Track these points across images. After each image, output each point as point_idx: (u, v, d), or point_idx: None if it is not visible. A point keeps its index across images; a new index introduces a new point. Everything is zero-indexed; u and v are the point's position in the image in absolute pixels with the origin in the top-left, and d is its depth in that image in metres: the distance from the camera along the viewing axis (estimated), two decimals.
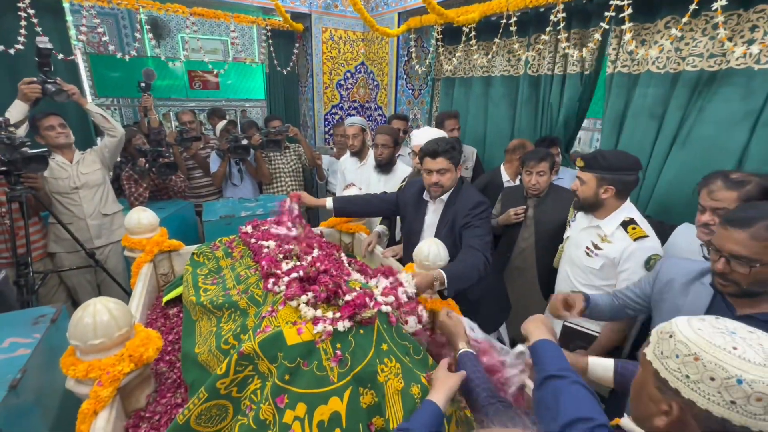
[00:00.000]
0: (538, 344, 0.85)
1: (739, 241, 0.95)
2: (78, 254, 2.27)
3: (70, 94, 2.13)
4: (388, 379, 0.82)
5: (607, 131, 2.26)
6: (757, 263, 0.93)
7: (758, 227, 0.93)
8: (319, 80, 3.65)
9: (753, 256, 0.93)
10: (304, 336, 0.83)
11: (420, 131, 2.09)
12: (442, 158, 1.65)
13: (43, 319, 1.39)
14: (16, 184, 1.88)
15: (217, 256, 1.61)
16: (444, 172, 1.67)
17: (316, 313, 0.87)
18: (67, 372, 1.03)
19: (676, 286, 1.17)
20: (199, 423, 0.84)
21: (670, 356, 0.60)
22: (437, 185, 1.70)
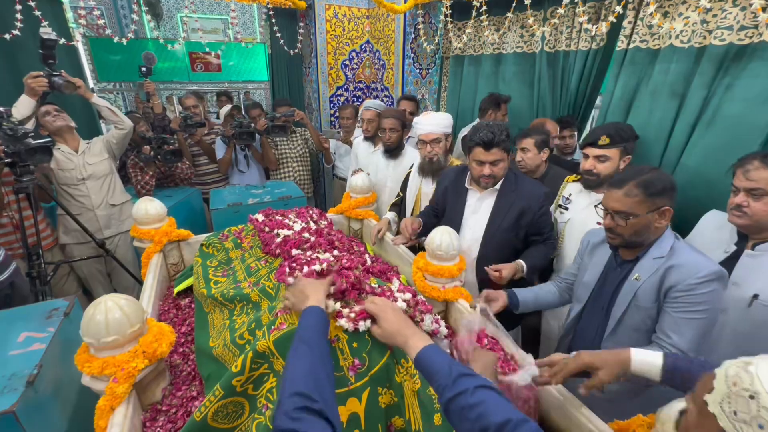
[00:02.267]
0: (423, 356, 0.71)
1: (616, 199, 1.14)
2: (88, 244, 2.27)
3: (77, 87, 2.08)
4: (405, 381, 0.80)
5: (615, 110, 2.16)
6: (630, 216, 1.11)
7: (630, 186, 1.12)
8: (324, 60, 3.54)
9: (627, 210, 1.12)
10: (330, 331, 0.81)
11: (425, 118, 2.00)
12: (497, 149, 1.54)
13: (57, 313, 1.40)
14: (22, 175, 1.86)
15: (226, 247, 1.59)
16: (498, 162, 1.57)
17: (336, 307, 0.85)
18: (82, 369, 1.03)
19: (589, 247, 1.37)
20: (216, 420, 0.83)
21: (750, 424, 0.48)
22: (490, 177, 1.59)
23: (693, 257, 1.11)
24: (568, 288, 1.47)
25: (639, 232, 1.14)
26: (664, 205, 1.11)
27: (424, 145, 1.97)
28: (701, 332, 1.07)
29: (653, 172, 1.14)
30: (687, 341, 1.06)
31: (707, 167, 1.78)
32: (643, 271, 1.16)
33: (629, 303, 1.19)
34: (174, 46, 4.36)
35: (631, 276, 1.18)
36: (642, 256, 1.18)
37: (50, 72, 1.99)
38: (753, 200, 1.20)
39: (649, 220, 1.12)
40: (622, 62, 2.12)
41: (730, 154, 1.72)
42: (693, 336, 1.06)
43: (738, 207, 1.24)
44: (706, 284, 1.05)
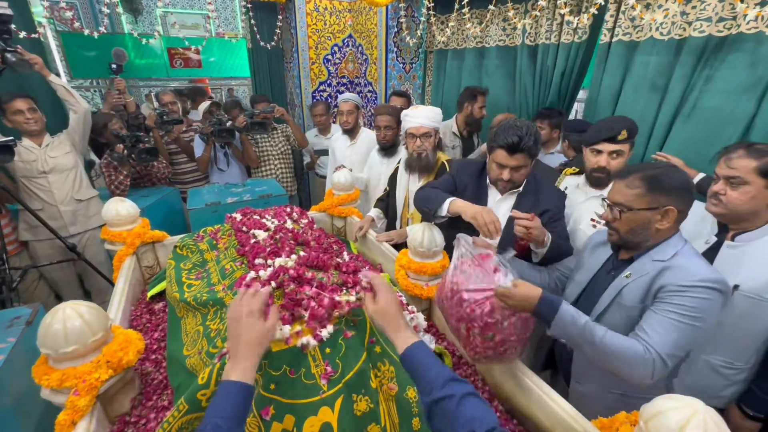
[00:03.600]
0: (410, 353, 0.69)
1: (617, 190, 1.10)
2: (54, 243, 2.17)
3: (32, 64, 1.96)
4: (382, 385, 0.76)
5: (602, 104, 2.16)
6: (626, 208, 1.07)
7: (632, 178, 1.07)
8: (305, 55, 3.46)
9: (625, 202, 1.07)
10: (291, 342, 0.76)
11: (415, 110, 1.94)
12: (522, 155, 1.38)
13: (18, 321, 1.32)
14: None
15: (201, 248, 1.53)
16: (520, 168, 1.43)
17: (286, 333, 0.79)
18: (39, 382, 0.97)
19: (591, 246, 1.33)
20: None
21: None
22: (508, 182, 1.46)
23: (694, 262, 1.02)
24: (559, 279, 1.42)
25: (634, 230, 1.08)
26: (667, 205, 1.03)
27: (413, 139, 1.89)
28: (685, 340, 0.97)
29: (666, 169, 1.06)
30: (666, 343, 0.96)
31: (688, 160, 1.79)
32: (636, 270, 1.10)
33: (612, 299, 1.14)
34: (150, 41, 4.22)
35: (623, 274, 1.13)
36: (639, 256, 1.11)
37: (4, 47, 1.87)
38: (730, 188, 1.18)
39: (647, 218, 1.05)
40: (606, 56, 2.11)
41: (710, 147, 1.72)
42: (674, 340, 0.96)
43: (715, 195, 1.22)
44: (701, 290, 0.96)
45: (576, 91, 2.61)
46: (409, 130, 1.90)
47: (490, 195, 1.60)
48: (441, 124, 1.96)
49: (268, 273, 0.95)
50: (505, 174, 1.43)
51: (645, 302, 1.07)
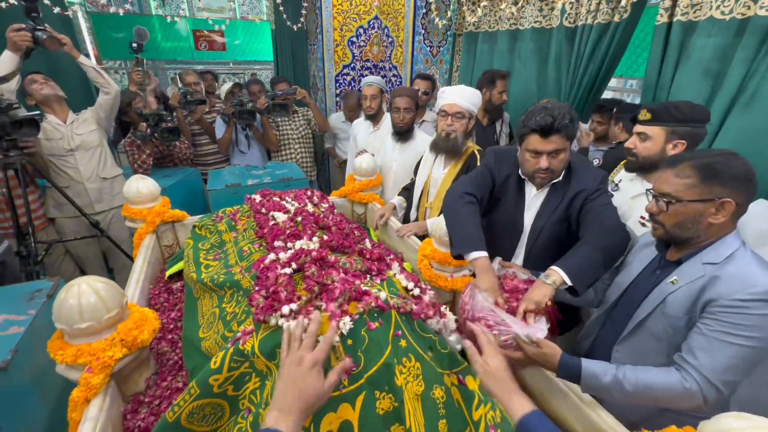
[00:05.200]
0: (528, 424, 0.65)
1: (665, 180, 0.99)
2: (80, 221, 2.20)
3: (62, 44, 1.96)
4: (408, 382, 0.70)
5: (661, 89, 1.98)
6: (674, 200, 0.96)
7: (683, 166, 0.96)
8: (330, 37, 3.37)
9: (673, 193, 0.96)
10: None
11: (453, 88, 1.82)
12: (557, 136, 1.23)
13: (39, 294, 1.32)
14: (9, 150, 1.77)
15: (219, 229, 1.50)
16: (558, 153, 1.27)
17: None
18: (54, 357, 0.95)
19: (637, 246, 1.23)
20: (192, 422, 0.74)
21: None
22: (548, 171, 1.30)
23: (752, 269, 0.89)
24: (606, 289, 1.28)
25: (683, 224, 0.96)
26: (723, 197, 0.90)
27: (445, 117, 1.77)
28: (740, 364, 0.86)
29: (725, 156, 0.93)
30: (718, 369, 0.86)
31: (744, 152, 1.62)
32: (683, 275, 0.98)
33: (655, 307, 1.02)
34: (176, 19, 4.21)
35: (668, 278, 1.02)
36: (689, 257, 0.99)
37: (34, 26, 1.86)
38: None
39: (699, 212, 0.93)
40: (664, 38, 1.92)
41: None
42: (727, 365, 0.86)
43: None
44: (761, 304, 0.84)
45: (608, 78, 2.44)
46: (442, 107, 1.78)
47: (527, 191, 1.45)
48: (476, 111, 1.83)
49: (288, 255, 0.89)
50: (542, 162, 1.28)
51: (692, 314, 0.96)
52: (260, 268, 0.90)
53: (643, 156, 1.38)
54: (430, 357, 0.78)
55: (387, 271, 0.89)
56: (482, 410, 0.79)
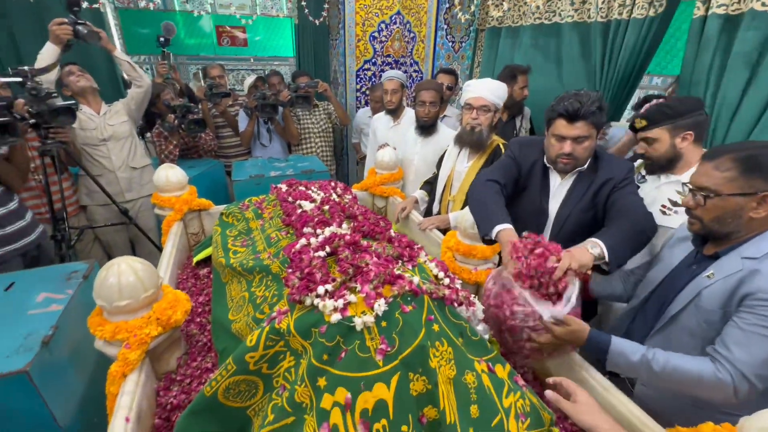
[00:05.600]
0: None
1: (704, 173, 0.96)
2: (110, 208, 2.27)
3: (99, 38, 2.04)
4: (441, 366, 0.70)
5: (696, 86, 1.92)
6: (713, 193, 0.93)
7: (723, 159, 0.93)
8: (352, 32, 3.38)
9: (712, 186, 0.94)
10: (347, 313, 0.71)
11: (479, 81, 1.81)
12: (583, 122, 1.24)
13: (76, 275, 1.37)
14: (46, 138, 1.84)
15: (246, 217, 1.52)
16: (583, 140, 1.27)
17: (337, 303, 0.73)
18: (94, 332, 0.99)
19: (672, 241, 1.20)
20: (227, 397, 0.76)
21: None
22: (570, 157, 1.31)
23: None
24: (636, 284, 1.27)
25: (722, 219, 0.94)
26: (766, 190, 0.88)
27: (470, 111, 1.77)
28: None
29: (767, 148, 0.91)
30: (753, 362, 0.84)
31: None
32: (720, 270, 0.96)
33: (690, 301, 1.01)
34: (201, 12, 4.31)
35: (704, 273, 0.99)
36: (726, 252, 0.97)
37: (75, 20, 1.94)
38: None
39: (740, 206, 0.91)
40: (700, 32, 1.86)
41: None
42: (764, 359, 0.85)
43: None
44: None
45: (641, 75, 2.37)
46: (467, 100, 1.78)
47: (551, 179, 1.45)
48: (501, 104, 1.82)
49: (320, 239, 0.90)
50: (566, 147, 1.29)
51: (727, 308, 0.94)
52: (292, 252, 0.91)
53: (656, 156, 1.39)
54: (461, 343, 0.78)
55: (417, 258, 0.89)
56: (512, 398, 0.79)
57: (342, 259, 0.81)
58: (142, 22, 5.25)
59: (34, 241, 1.86)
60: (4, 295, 1.26)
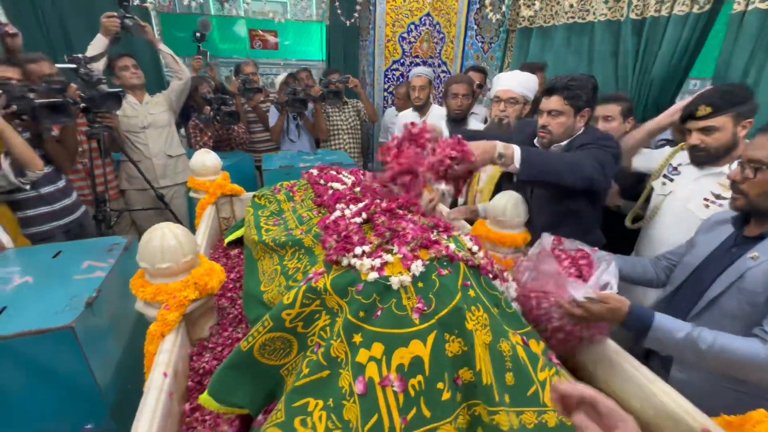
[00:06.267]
0: None
1: (758, 145, 0.94)
2: (147, 194, 2.38)
3: (145, 32, 2.16)
4: (476, 330, 0.70)
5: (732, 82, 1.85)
6: (765, 165, 0.90)
7: None
8: (382, 33, 3.44)
9: (765, 158, 0.91)
10: (384, 272, 0.72)
11: (507, 74, 1.82)
12: (557, 97, 1.36)
13: (117, 247, 1.44)
14: (94, 122, 1.95)
15: (278, 199, 1.56)
16: (556, 115, 1.38)
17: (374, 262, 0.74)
18: (136, 293, 1.03)
19: (708, 225, 1.17)
20: (263, 354, 0.78)
21: None
22: (544, 129, 1.42)
23: None
24: (667, 269, 1.24)
25: None
26: None
27: (498, 103, 1.79)
28: None
29: None
30: None
31: None
32: (766, 250, 0.93)
33: (731, 284, 0.98)
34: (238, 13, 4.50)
35: (748, 254, 0.96)
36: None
37: (124, 14, 2.07)
38: None
39: None
40: (737, 28, 1.80)
41: None
42: None
43: None
44: None
45: (684, 77, 2.30)
46: (496, 93, 1.79)
47: None
48: (531, 96, 1.81)
49: (358, 207, 0.92)
50: (542, 119, 1.40)
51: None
52: (327, 223, 0.93)
53: (714, 147, 1.32)
54: (496, 313, 0.77)
55: (452, 231, 0.89)
56: (547, 373, 0.77)
57: (378, 225, 0.82)
58: (179, 26, 5.51)
59: (78, 220, 1.96)
60: (52, 262, 1.33)
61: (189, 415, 0.94)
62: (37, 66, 1.96)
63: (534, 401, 0.71)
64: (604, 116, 1.76)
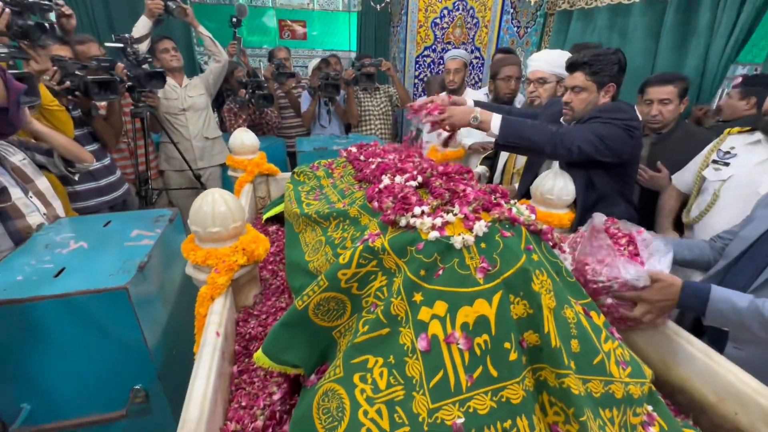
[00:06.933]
0: None
1: None
2: (184, 174, 2.45)
3: (186, 14, 2.21)
4: (542, 293, 0.67)
5: None
6: None
7: None
8: (414, 18, 3.39)
9: None
10: (444, 233, 0.70)
11: (537, 54, 1.77)
12: (579, 73, 1.35)
13: (162, 219, 1.47)
14: (138, 101, 2.01)
15: (317, 175, 1.56)
16: (579, 91, 1.36)
17: (435, 221, 0.72)
18: (187, 256, 1.05)
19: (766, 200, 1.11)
20: (317, 314, 0.78)
21: None
22: (567, 106, 1.41)
23: None
24: (722, 249, 1.18)
25: None
26: None
27: (528, 85, 1.77)
28: None
29: None
30: None
31: None
32: None
33: None
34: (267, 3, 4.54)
35: None
36: None
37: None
38: None
39: None
40: None
41: None
42: None
43: None
44: None
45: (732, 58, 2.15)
46: (528, 75, 1.77)
47: None
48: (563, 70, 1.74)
49: (411, 173, 0.90)
50: (565, 96, 1.40)
51: None
52: (377, 190, 0.92)
53: None
54: (558, 281, 0.74)
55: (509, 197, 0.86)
56: (611, 345, 0.74)
57: (436, 187, 0.80)
58: (211, 16, 5.63)
59: (121, 196, 2.03)
60: (103, 230, 1.38)
61: (237, 377, 0.95)
62: (86, 47, 2.03)
63: (600, 370, 0.68)
64: (659, 99, 1.66)
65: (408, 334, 0.65)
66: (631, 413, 0.69)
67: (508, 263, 0.66)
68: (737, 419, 0.80)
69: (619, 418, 0.67)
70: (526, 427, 0.57)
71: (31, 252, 1.20)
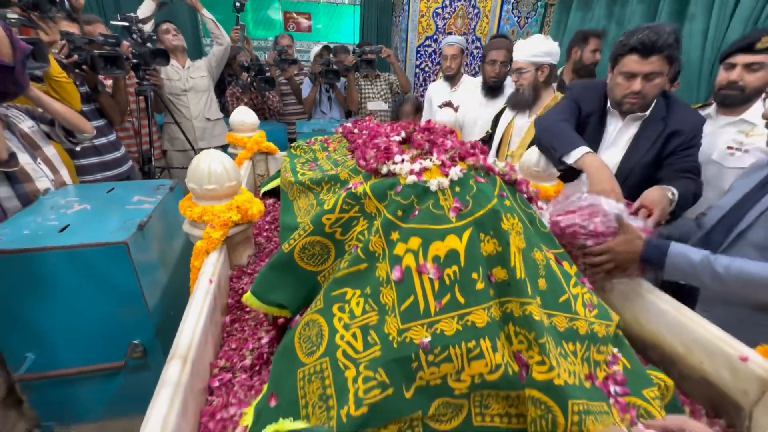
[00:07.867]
0: None
1: None
2: (186, 155, 2.51)
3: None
4: (511, 233, 0.71)
5: None
6: None
7: None
8: (416, 7, 3.43)
9: None
10: (421, 178, 0.74)
11: (518, 43, 1.76)
12: (658, 57, 1.14)
13: (163, 188, 1.53)
14: (143, 79, 2.06)
15: (314, 149, 1.61)
16: (654, 77, 1.18)
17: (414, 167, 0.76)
18: (184, 213, 1.10)
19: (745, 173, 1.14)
20: (302, 258, 0.82)
21: None
22: (638, 96, 1.21)
23: None
24: None
25: None
26: None
27: (513, 74, 1.80)
28: None
29: None
30: None
31: None
32: None
33: (758, 216, 0.97)
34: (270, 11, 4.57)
35: None
36: None
37: None
38: None
39: None
40: None
41: None
42: None
43: None
44: None
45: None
46: (516, 66, 1.78)
47: (610, 124, 1.36)
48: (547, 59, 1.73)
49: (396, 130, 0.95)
50: (635, 85, 1.19)
51: None
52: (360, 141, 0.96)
53: (751, 88, 1.30)
54: (532, 228, 0.78)
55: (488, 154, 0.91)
56: (579, 289, 0.78)
57: (417, 140, 0.84)
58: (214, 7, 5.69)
59: (125, 172, 2.09)
60: (107, 195, 1.44)
61: (229, 326, 1.00)
62: (92, 27, 2.09)
63: (566, 308, 0.72)
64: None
65: (384, 267, 0.69)
66: (595, 350, 0.73)
67: (480, 204, 0.71)
68: (703, 368, 0.84)
69: (582, 352, 0.71)
70: (489, 348, 0.62)
71: (38, 212, 1.26)
